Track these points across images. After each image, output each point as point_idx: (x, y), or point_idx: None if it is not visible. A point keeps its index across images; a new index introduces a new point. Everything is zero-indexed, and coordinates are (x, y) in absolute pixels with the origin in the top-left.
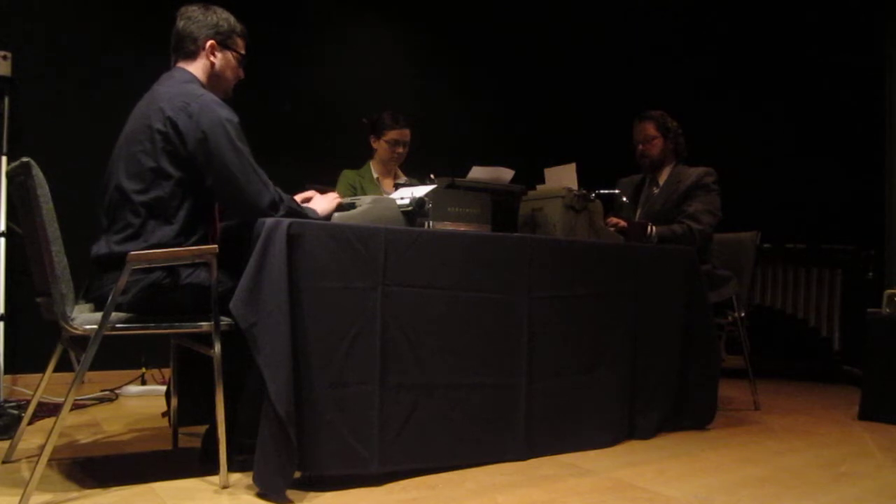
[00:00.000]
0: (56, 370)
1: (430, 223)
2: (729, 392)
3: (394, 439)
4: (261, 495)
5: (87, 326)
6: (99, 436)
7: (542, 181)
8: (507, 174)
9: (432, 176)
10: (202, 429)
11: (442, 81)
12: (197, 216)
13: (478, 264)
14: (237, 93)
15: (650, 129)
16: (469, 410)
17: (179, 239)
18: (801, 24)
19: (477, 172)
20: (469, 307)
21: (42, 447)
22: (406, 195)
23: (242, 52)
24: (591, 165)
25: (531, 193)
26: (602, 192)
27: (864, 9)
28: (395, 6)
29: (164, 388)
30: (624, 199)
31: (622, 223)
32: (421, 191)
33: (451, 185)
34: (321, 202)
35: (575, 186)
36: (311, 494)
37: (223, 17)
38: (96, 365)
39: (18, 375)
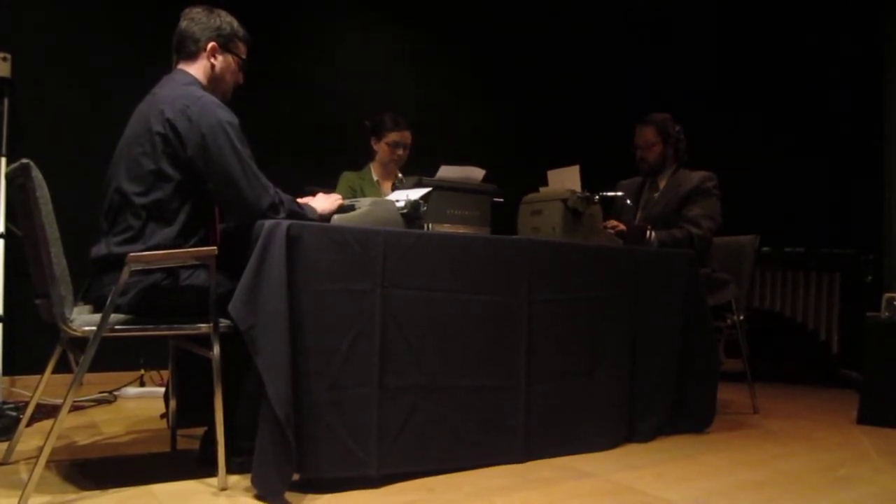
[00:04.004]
0: (55, 371)
1: (430, 225)
2: (728, 395)
3: (392, 442)
4: (259, 497)
5: (86, 328)
6: (97, 437)
7: (545, 183)
8: (477, 173)
9: (400, 175)
10: (201, 431)
11: (443, 83)
12: (197, 218)
13: (477, 266)
14: (237, 94)
15: (650, 134)
16: (468, 413)
17: (179, 241)
18: (800, 26)
19: (445, 171)
20: (468, 309)
21: (40, 449)
22: (402, 198)
23: (243, 56)
24: (591, 168)
25: (531, 195)
26: (605, 194)
27: (864, 10)
28: (396, 7)
29: (162, 389)
30: (628, 201)
31: (620, 225)
32: (416, 193)
33: (418, 184)
34: (322, 201)
35: (578, 188)
36: (310, 497)
37: (226, 21)
38: (95, 366)
39: (17, 377)
